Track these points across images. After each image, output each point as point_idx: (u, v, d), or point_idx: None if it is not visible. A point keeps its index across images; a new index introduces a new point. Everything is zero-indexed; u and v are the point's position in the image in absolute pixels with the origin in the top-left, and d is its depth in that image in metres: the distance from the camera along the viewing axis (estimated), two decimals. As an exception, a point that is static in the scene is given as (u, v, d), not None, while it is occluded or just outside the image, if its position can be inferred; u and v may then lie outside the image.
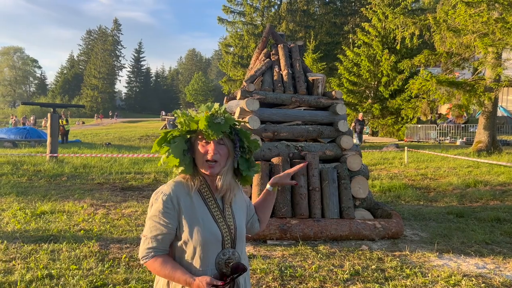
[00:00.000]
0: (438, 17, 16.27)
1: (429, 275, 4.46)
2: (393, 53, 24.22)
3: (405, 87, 20.12)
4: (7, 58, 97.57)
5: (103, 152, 16.31)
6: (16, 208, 6.97)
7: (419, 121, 23.85)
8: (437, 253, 5.19)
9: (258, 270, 4.40)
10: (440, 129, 23.84)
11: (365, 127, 23.94)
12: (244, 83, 6.28)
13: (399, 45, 18.92)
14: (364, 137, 26.16)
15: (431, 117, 22.49)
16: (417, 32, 16.88)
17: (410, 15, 18.83)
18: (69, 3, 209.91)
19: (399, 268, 4.64)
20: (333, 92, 6.56)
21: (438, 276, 4.44)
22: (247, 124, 5.89)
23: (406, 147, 14.64)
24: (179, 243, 1.73)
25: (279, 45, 7.00)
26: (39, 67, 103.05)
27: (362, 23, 27.05)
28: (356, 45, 27.29)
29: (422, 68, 18.14)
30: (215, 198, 1.80)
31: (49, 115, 14.08)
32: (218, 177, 1.77)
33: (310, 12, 40.47)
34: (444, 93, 16.08)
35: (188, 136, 1.80)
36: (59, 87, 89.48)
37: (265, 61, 6.76)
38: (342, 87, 26.28)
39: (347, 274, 4.41)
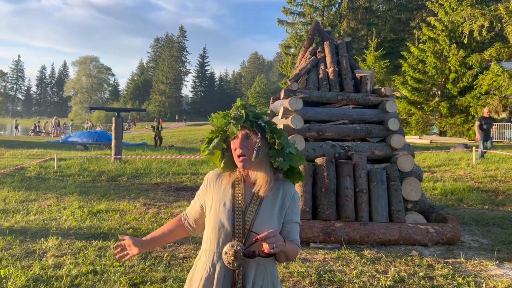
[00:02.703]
0: (511, 7, 15.07)
1: (484, 285, 4.09)
2: (461, 48, 22.78)
3: (474, 83, 18.84)
4: (84, 67, 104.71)
5: (165, 154, 16.91)
6: (76, 207, 7.38)
7: (493, 119, 22.23)
8: (497, 262, 4.75)
9: (296, 273, 4.28)
10: (516, 128, 22.02)
11: (493, 126, 16.65)
12: (288, 82, 6.17)
13: (466, 38, 17.72)
14: (431, 137, 24.85)
15: (506, 114, 20.82)
16: (486, 24, 15.76)
17: (479, 6, 17.61)
18: (139, 12, 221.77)
19: (450, 277, 4.30)
20: (382, 89, 6.26)
21: (494, 286, 4.06)
22: (290, 124, 5.78)
23: (474, 147, 13.66)
24: (206, 218, 1.91)
25: (325, 42, 6.81)
26: (112, 75, 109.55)
27: (428, 18, 25.76)
28: (421, 41, 26.01)
29: (494, 63, 16.89)
30: (244, 191, 1.84)
31: (113, 119, 14.83)
32: (250, 172, 1.84)
33: (373, 9, 39.26)
34: (519, 88, 14.84)
35: (226, 136, 1.91)
36: (130, 93, 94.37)
37: (311, 59, 6.60)
38: (406, 85, 25.18)
39: (390, 280, 4.15)
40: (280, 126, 6.05)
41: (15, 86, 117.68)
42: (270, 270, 1.84)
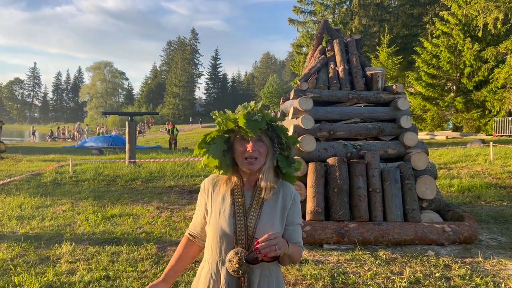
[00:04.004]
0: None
1: (503, 285, 3.98)
2: (476, 42, 22.35)
3: (490, 77, 18.44)
4: (98, 72, 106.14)
5: (179, 156, 16.97)
6: (90, 212, 7.43)
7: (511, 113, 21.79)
8: (517, 261, 4.62)
9: (308, 276, 4.22)
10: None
11: None
12: (298, 82, 6.11)
13: (481, 32, 17.35)
14: (447, 133, 24.48)
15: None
16: (501, 17, 15.42)
17: (494, -1, 17.25)
18: (151, 17, 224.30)
19: (467, 277, 4.19)
20: (394, 86, 6.15)
21: (514, 287, 3.93)
22: (300, 124, 5.72)
23: (491, 142, 13.38)
24: (206, 227, 1.84)
25: (334, 41, 6.73)
26: (126, 79, 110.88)
27: (441, 12, 25.36)
28: (434, 35, 25.63)
29: (510, 56, 16.53)
30: (244, 195, 1.80)
31: (127, 123, 14.94)
32: (260, 176, 1.77)
33: (384, 5, 38.83)
34: (536, 81, 14.48)
35: (227, 136, 1.83)
36: (144, 97, 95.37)
37: (320, 58, 6.53)
38: (421, 81, 24.84)
39: (405, 282, 4.06)
40: (290, 126, 6.00)
41: (32, 93, 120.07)
42: (275, 274, 1.81)
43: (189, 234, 1.95)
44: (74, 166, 13.09)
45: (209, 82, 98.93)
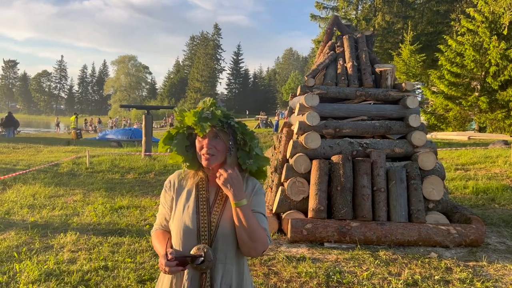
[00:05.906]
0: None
1: (504, 291, 3.85)
2: (502, 40, 21.67)
3: (516, 76, 17.87)
4: (123, 66, 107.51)
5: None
6: (100, 202, 7.54)
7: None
8: (522, 266, 4.47)
9: (304, 274, 4.18)
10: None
11: None
12: (305, 78, 6.05)
13: (506, 29, 16.81)
14: (469, 133, 23.88)
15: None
16: (527, 14, 14.87)
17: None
18: (176, 12, 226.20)
19: (468, 281, 4.08)
20: (403, 84, 6.02)
21: (515, 293, 3.81)
22: (306, 121, 5.66)
23: (512, 144, 12.98)
24: (170, 223, 1.84)
25: (344, 36, 6.63)
26: (150, 73, 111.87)
27: (467, 9, 24.70)
28: (459, 33, 24.98)
29: (536, 54, 15.95)
30: (209, 190, 1.81)
31: (143, 116, 15.10)
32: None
33: (409, 2, 38.05)
34: None
35: (188, 133, 1.84)
36: (167, 91, 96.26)
37: (329, 54, 6.44)
38: (443, 79, 24.26)
39: (402, 283, 3.98)
40: (296, 122, 5.94)
41: (58, 86, 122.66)
42: (239, 270, 1.81)
43: (158, 229, 1.92)
44: (91, 157, 13.32)
45: (231, 78, 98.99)
